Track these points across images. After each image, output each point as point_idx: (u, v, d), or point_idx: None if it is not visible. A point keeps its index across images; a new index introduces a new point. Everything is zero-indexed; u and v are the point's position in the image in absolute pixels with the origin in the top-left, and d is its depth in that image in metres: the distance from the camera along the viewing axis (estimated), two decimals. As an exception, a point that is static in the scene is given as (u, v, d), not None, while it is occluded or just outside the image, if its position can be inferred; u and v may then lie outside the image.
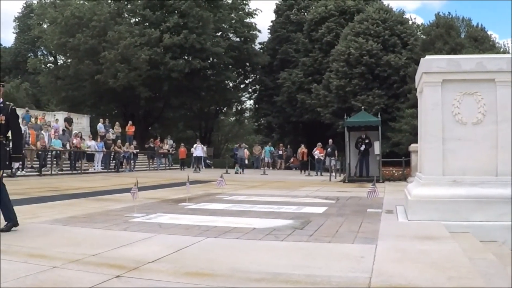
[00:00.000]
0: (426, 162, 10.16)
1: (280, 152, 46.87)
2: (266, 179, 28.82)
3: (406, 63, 42.01)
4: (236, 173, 35.82)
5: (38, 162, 28.43)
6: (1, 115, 8.24)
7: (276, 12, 61.41)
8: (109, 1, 54.95)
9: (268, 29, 61.79)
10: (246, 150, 42.35)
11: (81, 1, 53.27)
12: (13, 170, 10.15)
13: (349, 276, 5.58)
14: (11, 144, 8.43)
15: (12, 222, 8.33)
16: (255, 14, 58.75)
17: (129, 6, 54.21)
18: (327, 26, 50.30)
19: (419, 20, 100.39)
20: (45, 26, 58.86)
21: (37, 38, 62.55)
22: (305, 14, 59.11)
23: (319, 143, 35.89)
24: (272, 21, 61.57)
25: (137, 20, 54.89)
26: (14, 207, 11.56)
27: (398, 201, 13.11)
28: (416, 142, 15.69)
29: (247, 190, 19.21)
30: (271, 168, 44.01)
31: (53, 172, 28.59)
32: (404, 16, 48.96)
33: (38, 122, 32.56)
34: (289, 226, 9.35)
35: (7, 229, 8.17)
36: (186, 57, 50.90)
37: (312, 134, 51.06)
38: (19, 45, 72.59)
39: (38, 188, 18.38)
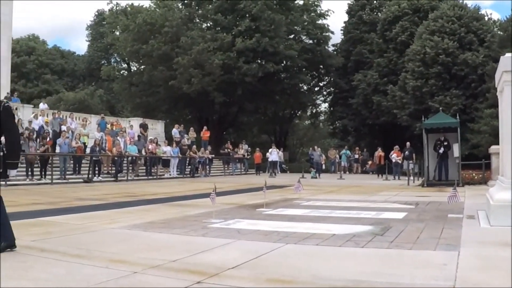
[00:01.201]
0: (509, 164, 9.82)
1: (356, 156, 46.37)
2: (343, 183, 28.58)
3: (483, 61, 41.10)
4: (312, 177, 35.64)
5: (114, 168, 29.05)
6: None
7: (348, 12, 60.98)
8: (180, 6, 55.78)
9: (341, 30, 61.51)
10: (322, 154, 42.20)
11: (153, 8, 54.31)
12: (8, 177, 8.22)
13: (431, 284, 5.44)
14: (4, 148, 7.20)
15: (7, 242, 7.10)
16: (327, 15, 58.44)
17: (200, 11, 54.84)
18: (401, 25, 49.60)
19: (495, 16, 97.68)
20: (117, 33, 60.31)
21: (110, 45, 64.19)
22: (378, 13, 58.51)
23: (396, 146, 35.33)
24: (344, 22, 61.27)
25: (208, 25, 55.45)
26: (92, 212, 11.85)
27: (479, 206, 12.73)
28: (496, 143, 15.26)
29: (324, 195, 19.08)
30: (347, 172, 43.63)
31: (129, 178, 29.17)
32: (479, 12, 47.74)
33: (114, 128, 33.23)
34: (369, 232, 9.23)
35: (1, 249, 6.96)
36: (259, 61, 51.08)
37: (389, 136, 50.56)
38: (92, 53, 74.52)
39: (115, 194, 18.74)
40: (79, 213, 12.01)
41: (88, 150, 29.01)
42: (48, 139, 26.27)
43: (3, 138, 7.24)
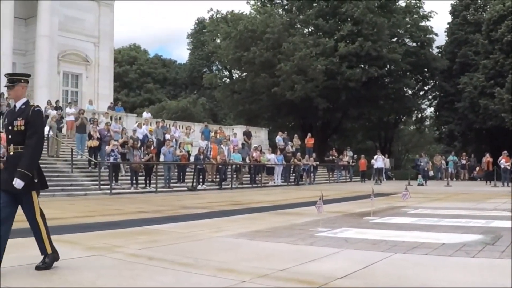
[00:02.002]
0: None
1: (463, 162, 45.08)
2: (450, 191, 27.86)
3: None
4: (419, 184, 34.92)
5: (218, 176, 29.42)
6: (20, 119, 6.49)
7: (452, 13, 59.48)
8: (281, 12, 56.05)
9: (445, 31, 60.04)
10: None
11: (253, 15, 54.84)
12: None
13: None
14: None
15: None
16: (430, 16, 56.94)
17: (301, 16, 54.88)
18: (506, 25, 47.71)
19: None
20: (218, 41, 61.23)
21: (211, 53, 65.22)
22: (483, 13, 56.63)
23: (505, 152, 34.12)
24: (448, 23, 59.83)
25: (310, 30, 55.43)
26: (198, 221, 12.04)
27: None
28: None
29: (432, 203, 18.64)
30: (454, 179, 42.50)
31: (233, 186, 29.47)
32: None
33: (218, 136, 33.68)
34: (479, 241, 8.94)
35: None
36: (362, 66, 50.55)
37: (497, 141, 48.91)
38: (193, 61, 75.94)
39: (220, 202, 18.96)
40: (184, 222, 12.22)
41: (192, 159, 29.52)
42: (152, 147, 26.90)
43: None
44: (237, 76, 62.89)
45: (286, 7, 57.40)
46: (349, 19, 50.82)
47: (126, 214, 14.09)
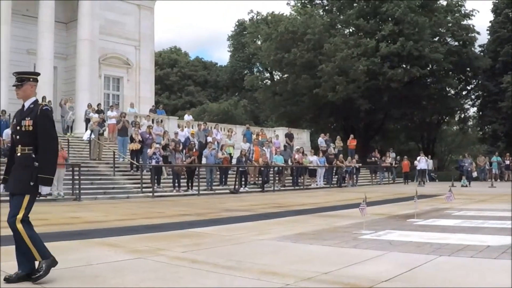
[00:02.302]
0: None
1: (507, 162, 44.33)
2: (495, 192, 27.45)
3: None
4: (462, 186, 34.48)
5: (260, 178, 29.47)
6: (28, 119, 6.27)
7: (494, 11, 58.44)
8: (321, 13, 55.91)
9: (487, 30, 59.10)
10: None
11: (294, 16, 54.81)
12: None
13: None
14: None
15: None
16: (472, 15, 56.15)
17: (341, 17, 54.69)
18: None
19: None
20: (259, 43, 61.32)
21: (252, 55, 65.39)
22: (526, 11, 55.71)
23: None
24: (490, 21, 58.86)
25: (351, 30, 55.22)
26: (241, 224, 12.08)
27: None
28: None
29: (476, 205, 18.42)
30: (498, 180, 41.85)
31: (275, 188, 29.46)
32: None
33: (260, 138, 33.71)
34: (525, 243, 8.80)
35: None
36: (404, 66, 50.11)
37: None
38: (234, 63, 76.15)
39: (263, 205, 18.99)
40: (227, 224, 12.26)
41: (234, 161, 29.62)
42: (194, 150, 27.05)
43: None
44: (278, 78, 62.94)
45: (326, 7, 57.31)
46: (390, 18, 50.48)
47: (169, 217, 14.20)
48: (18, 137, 6.32)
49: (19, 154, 6.27)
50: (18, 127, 6.31)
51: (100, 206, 18.32)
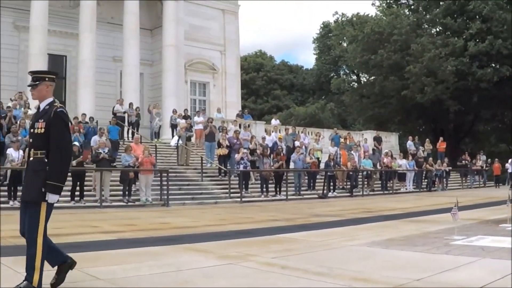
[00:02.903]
0: None
1: None
2: None
3: None
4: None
5: (349, 183, 29.33)
6: (41, 121, 5.95)
7: None
8: (407, 13, 55.17)
9: None
10: None
11: (379, 16, 54.30)
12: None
13: None
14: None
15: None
16: None
17: (428, 16, 53.71)
18: None
19: None
20: (344, 44, 61.04)
21: (338, 57, 65.08)
22: None
23: None
24: None
25: (438, 30, 54.14)
26: (330, 229, 12.06)
27: None
28: None
29: None
30: None
31: (364, 193, 29.25)
32: None
33: (348, 142, 33.55)
34: None
35: None
36: (493, 65, 48.77)
37: None
38: (320, 66, 75.88)
39: (351, 210, 18.90)
40: (316, 230, 12.26)
41: (322, 165, 29.56)
42: (281, 155, 27.16)
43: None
44: (365, 80, 62.49)
45: (412, 7, 56.38)
46: (477, 16, 49.26)
47: (258, 223, 14.33)
48: (31, 140, 6.06)
49: (31, 158, 5.95)
50: (32, 130, 6.08)
51: (189, 212, 18.64)
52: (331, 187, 28.12)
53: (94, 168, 21.13)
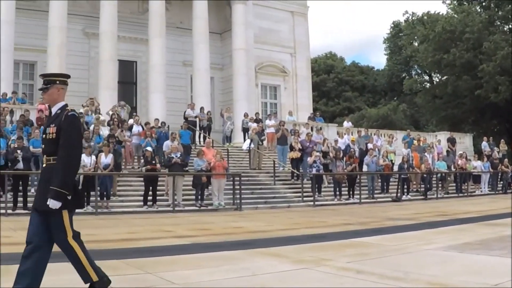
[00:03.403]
0: None
1: None
2: None
3: None
4: None
5: (423, 186, 29.00)
6: (53, 125, 5.77)
7: None
8: (479, 10, 54.14)
9: None
10: None
11: (450, 14, 53.48)
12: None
13: None
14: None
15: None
16: None
17: (500, 13, 52.43)
18: None
19: None
20: (415, 44, 60.29)
21: (409, 57, 64.30)
22: None
23: None
24: None
25: (510, 27, 52.97)
26: (404, 233, 12.02)
27: None
28: None
29: None
30: None
31: (438, 195, 28.86)
32: None
33: (421, 144, 33.16)
34: None
35: None
36: None
37: None
38: (391, 67, 75.08)
39: (425, 213, 18.72)
40: (390, 234, 12.22)
41: (395, 168, 29.31)
42: (354, 157, 27.06)
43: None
44: (438, 80, 61.58)
45: (483, 3, 55.21)
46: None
47: (331, 227, 14.35)
48: (43, 146, 5.93)
49: (44, 165, 5.83)
50: (43, 135, 5.92)
51: (261, 216, 18.77)
52: (405, 190, 27.86)
53: (166, 173, 21.46)
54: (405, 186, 27.93)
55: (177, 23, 37.77)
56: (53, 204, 5.42)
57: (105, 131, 23.49)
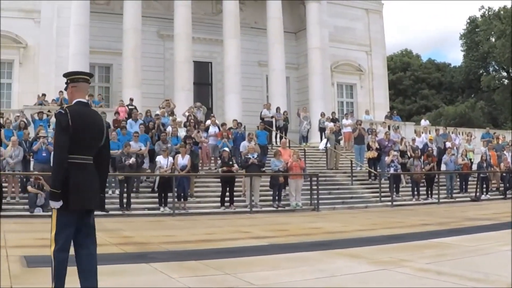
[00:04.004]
0: None
1: None
2: None
3: None
4: None
5: (502, 185, 28.40)
6: None
7: None
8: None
9: None
10: None
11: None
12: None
13: None
14: None
15: None
16: None
17: None
18: None
19: None
20: (492, 40, 59.06)
21: (487, 53, 63.04)
22: None
23: None
24: None
25: None
26: (484, 233, 11.81)
27: None
28: None
29: None
30: None
31: (520, 195, 28.21)
32: None
33: (500, 142, 32.47)
34: None
35: None
36: None
37: None
38: (468, 63, 73.63)
39: (506, 213, 18.14)
40: (470, 234, 12.08)
41: (474, 167, 28.78)
42: (432, 156, 26.70)
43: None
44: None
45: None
46: None
47: (409, 227, 14.23)
48: None
49: None
50: None
51: (339, 216, 18.75)
52: (484, 190, 27.34)
53: (243, 174, 21.56)
54: (484, 186, 27.40)
55: (251, 23, 37.98)
56: (52, 204, 5.47)
57: (181, 132, 23.80)
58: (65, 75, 5.98)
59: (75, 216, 5.53)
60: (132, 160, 19.56)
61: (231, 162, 21.22)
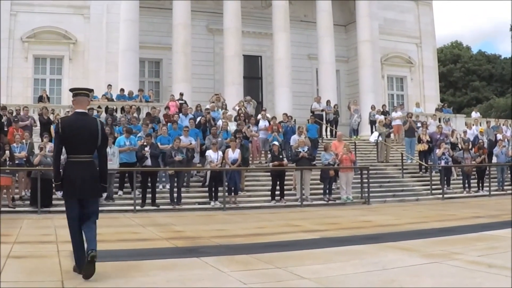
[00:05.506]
0: None
1: None
2: None
3: None
4: None
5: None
6: None
7: None
8: None
9: None
10: None
11: None
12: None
13: None
14: None
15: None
16: None
17: None
18: None
19: None
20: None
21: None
22: None
23: None
24: None
25: None
26: None
27: None
28: None
29: None
30: None
31: None
32: None
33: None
34: None
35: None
36: None
37: None
38: (518, 56, 72.47)
39: None
40: (522, 227, 11.90)
41: (525, 159, 28.30)
42: (483, 149, 26.33)
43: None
44: None
45: None
46: None
47: (460, 220, 14.10)
48: None
49: None
50: None
51: (390, 209, 18.63)
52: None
53: (294, 167, 21.53)
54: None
55: (301, 17, 37.94)
56: (59, 194, 7.40)
57: (232, 127, 23.85)
58: (70, 90, 7.56)
59: (75, 201, 6.99)
60: (178, 157, 19.48)
61: (281, 156, 21.22)
